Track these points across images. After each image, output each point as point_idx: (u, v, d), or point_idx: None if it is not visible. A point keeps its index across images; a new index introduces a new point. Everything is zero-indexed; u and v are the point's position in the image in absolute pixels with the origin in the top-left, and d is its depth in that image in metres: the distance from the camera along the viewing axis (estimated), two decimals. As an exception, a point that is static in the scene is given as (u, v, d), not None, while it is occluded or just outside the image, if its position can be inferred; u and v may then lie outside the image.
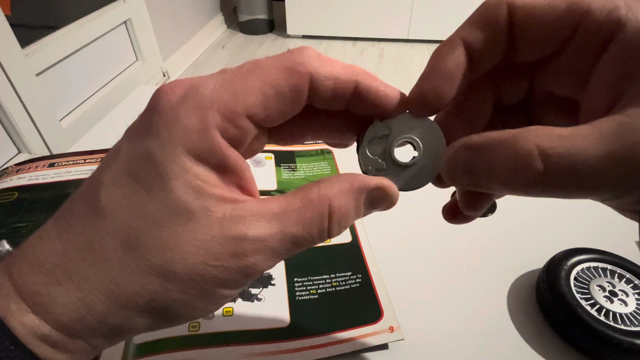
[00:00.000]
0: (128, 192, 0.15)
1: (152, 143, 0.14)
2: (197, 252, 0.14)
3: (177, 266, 0.14)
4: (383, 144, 0.18)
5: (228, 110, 0.15)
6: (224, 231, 0.15)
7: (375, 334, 0.30)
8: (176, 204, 0.14)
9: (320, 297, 0.33)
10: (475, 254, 0.37)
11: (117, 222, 0.14)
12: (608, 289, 0.31)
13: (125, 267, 0.14)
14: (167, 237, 0.14)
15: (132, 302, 0.15)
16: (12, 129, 1.33)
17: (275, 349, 0.29)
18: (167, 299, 0.15)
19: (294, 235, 0.15)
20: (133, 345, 0.29)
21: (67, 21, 1.57)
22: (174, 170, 0.14)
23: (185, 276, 0.15)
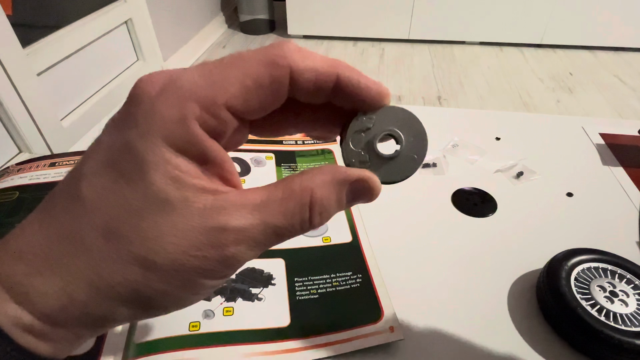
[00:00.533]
0: (108, 183, 0.15)
1: (132, 134, 0.14)
2: (178, 242, 0.14)
3: (158, 256, 0.14)
4: (366, 137, 0.18)
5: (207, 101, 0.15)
6: (204, 222, 0.15)
7: (376, 334, 0.30)
8: (156, 194, 0.14)
9: (320, 297, 0.33)
10: (476, 254, 0.37)
11: (98, 213, 0.15)
12: (608, 289, 0.31)
13: (106, 258, 0.14)
14: (147, 227, 0.14)
15: (114, 292, 0.15)
16: (13, 129, 1.33)
17: (275, 349, 0.29)
18: (148, 289, 0.15)
19: (275, 225, 0.15)
20: (134, 344, 0.29)
21: (68, 21, 1.57)
22: (154, 161, 0.14)
23: (166, 266, 0.15)
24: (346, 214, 0.40)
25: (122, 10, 1.83)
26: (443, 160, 0.48)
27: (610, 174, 0.47)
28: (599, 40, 2.51)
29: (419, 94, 2.12)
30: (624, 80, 2.24)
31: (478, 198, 0.43)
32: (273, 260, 0.35)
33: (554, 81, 2.25)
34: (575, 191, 0.44)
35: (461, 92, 2.15)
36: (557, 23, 2.48)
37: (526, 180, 0.46)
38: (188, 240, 0.15)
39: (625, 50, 2.55)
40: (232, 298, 0.32)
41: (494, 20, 2.52)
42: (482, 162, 0.48)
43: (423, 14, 2.55)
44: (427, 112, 0.58)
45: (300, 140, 0.51)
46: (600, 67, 2.38)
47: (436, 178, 0.46)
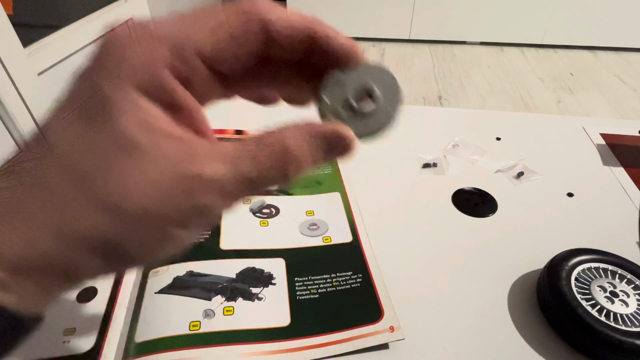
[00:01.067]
0: (78, 129, 0.14)
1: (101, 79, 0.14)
2: (147, 188, 0.14)
3: (127, 202, 0.14)
4: (341, 93, 0.18)
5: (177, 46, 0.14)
6: (176, 169, 0.14)
7: (376, 333, 0.30)
8: (126, 139, 0.14)
9: (320, 296, 0.33)
10: (476, 254, 0.37)
11: (67, 159, 0.14)
12: (609, 289, 0.31)
13: (74, 204, 0.14)
14: (117, 173, 0.14)
15: (81, 239, 0.14)
16: (14, 129, 1.33)
17: (275, 348, 0.29)
18: (117, 236, 0.14)
19: (248, 176, 0.15)
20: (134, 343, 0.29)
21: (69, 21, 1.57)
22: (123, 105, 0.14)
23: (135, 213, 0.14)
24: (347, 214, 0.40)
25: (122, 10, 1.83)
26: (444, 160, 0.48)
27: (610, 174, 0.47)
28: (599, 40, 2.51)
29: (420, 94, 2.12)
30: (625, 81, 2.24)
31: (478, 198, 0.43)
32: (273, 260, 0.35)
33: (554, 81, 2.24)
34: (576, 191, 0.44)
35: (462, 92, 2.15)
36: (558, 23, 2.48)
37: (527, 181, 0.46)
38: (158, 187, 0.14)
39: (626, 51, 2.55)
40: (233, 298, 0.32)
41: (494, 20, 2.52)
42: (482, 162, 0.48)
43: (424, 14, 2.55)
44: (428, 112, 0.58)
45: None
46: (601, 68, 2.38)
47: (437, 178, 0.46)
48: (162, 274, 0.33)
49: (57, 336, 0.29)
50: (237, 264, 0.35)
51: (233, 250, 0.36)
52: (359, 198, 0.42)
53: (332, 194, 0.43)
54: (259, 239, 0.37)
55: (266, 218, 0.39)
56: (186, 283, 0.32)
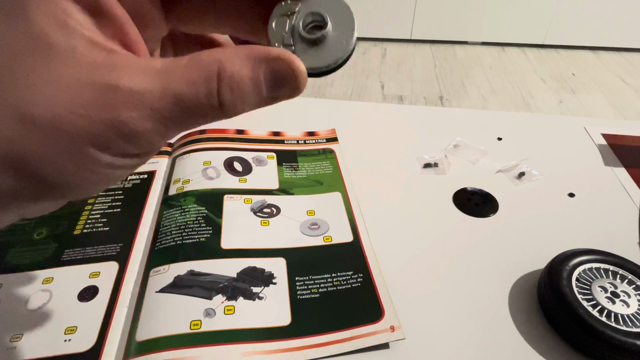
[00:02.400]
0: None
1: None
2: (59, 95, 0.12)
3: (36, 108, 0.12)
4: (291, 21, 0.17)
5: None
6: (92, 77, 0.13)
7: (376, 333, 0.30)
8: (38, 37, 0.12)
9: (321, 296, 0.33)
10: (477, 254, 0.37)
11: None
12: (610, 290, 0.31)
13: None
14: (26, 73, 0.12)
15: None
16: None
17: (276, 348, 0.29)
18: (27, 150, 0.12)
19: (177, 93, 0.13)
20: (135, 342, 0.29)
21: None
22: (41, 2, 0.12)
23: (45, 121, 0.12)
24: (347, 214, 0.40)
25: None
26: (444, 160, 0.48)
27: (612, 174, 0.47)
28: (601, 40, 2.51)
29: (421, 94, 2.12)
30: (627, 81, 2.23)
31: (479, 198, 0.43)
32: (274, 260, 0.35)
33: (556, 81, 2.24)
34: (577, 192, 0.44)
35: (463, 92, 2.15)
36: (560, 23, 2.48)
37: (528, 181, 0.46)
38: (71, 94, 0.12)
39: (628, 51, 2.54)
40: (233, 297, 0.32)
41: (496, 20, 2.51)
42: (483, 163, 0.48)
43: (425, 14, 2.55)
44: (429, 112, 0.58)
45: (302, 140, 0.51)
46: (603, 68, 2.38)
47: (437, 178, 0.46)
48: (163, 273, 0.33)
49: (57, 335, 0.29)
50: (238, 264, 0.35)
51: (234, 250, 0.36)
52: (359, 198, 0.42)
53: (333, 193, 0.43)
54: (260, 238, 0.37)
55: (267, 218, 0.39)
56: (187, 282, 0.32)
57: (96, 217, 0.39)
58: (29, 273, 0.34)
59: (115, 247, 0.36)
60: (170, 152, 0.48)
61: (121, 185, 0.43)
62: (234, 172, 0.44)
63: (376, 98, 2.07)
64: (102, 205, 0.40)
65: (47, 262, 0.34)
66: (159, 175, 0.45)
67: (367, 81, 2.24)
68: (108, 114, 0.13)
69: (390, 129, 0.54)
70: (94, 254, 0.35)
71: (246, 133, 0.51)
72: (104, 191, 0.42)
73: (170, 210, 0.39)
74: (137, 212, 0.40)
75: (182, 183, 0.42)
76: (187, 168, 0.44)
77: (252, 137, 0.50)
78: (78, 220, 0.39)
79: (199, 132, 0.49)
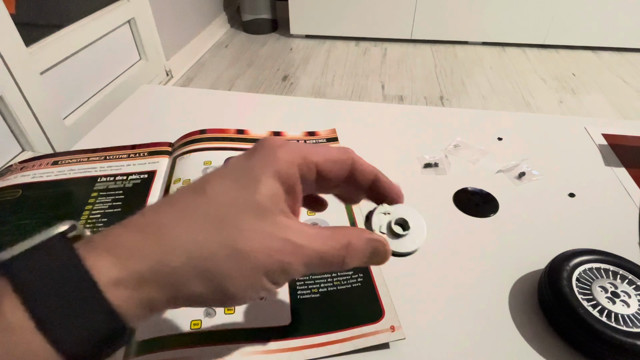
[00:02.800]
0: (227, 187, 0.20)
1: (255, 162, 0.21)
2: (258, 239, 0.19)
3: (244, 244, 0.19)
4: (386, 219, 0.26)
5: (306, 157, 0.22)
6: (278, 232, 0.20)
7: (377, 333, 0.30)
8: (259, 202, 0.20)
9: (321, 296, 0.33)
10: (477, 254, 0.37)
11: (213, 204, 0.20)
12: (610, 290, 0.31)
13: (207, 235, 0.19)
14: (245, 222, 0.20)
15: (200, 263, 0.19)
16: (17, 127, 1.34)
17: (276, 347, 0.29)
18: (225, 269, 0.19)
19: (322, 252, 0.21)
20: (135, 342, 0.29)
21: (71, 20, 1.58)
22: (264, 181, 0.21)
23: (243, 254, 0.19)
24: (348, 214, 0.40)
25: (125, 10, 1.83)
26: (445, 161, 0.48)
27: (612, 174, 0.47)
28: (602, 40, 2.51)
29: (421, 94, 2.12)
30: (627, 81, 2.23)
31: (480, 198, 0.43)
32: (274, 259, 0.35)
33: (556, 82, 2.24)
34: (578, 192, 0.44)
35: (463, 92, 2.15)
36: (560, 23, 2.48)
37: (528, 181, 0.46)
38: (265, 242, 0.20)
39: (628, 51, 2.54)
40: (234, 297, 0.32)
41: (496, 20, 2.51)
42: (484, 163, 0.48)
43: (425, 14, 2.55)
44: (429, 112, 0.58)
45: (303, 140, 0.51)
46: (603, 68, 2.38)
47: (438, 178, 0.46)
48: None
49: (58, 334, 0.29)
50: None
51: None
52: (360, 198, 0.42)
53: (333, 193, 0.43)
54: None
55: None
56: (187, 282, 0.32)
57: (97, 217, 0.39)
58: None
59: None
60: (171, 152, 0.48)
61: (122, 185, 0.43)
62: (235, 172, 0.44)
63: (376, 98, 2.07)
64: (103, 205, 0.41)
65: (47, 262, 0.34)
66: (159, 175, 0.45)
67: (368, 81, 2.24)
68: (280, 257, 0.20)
69: (391, 129, 0.54)
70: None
71: (246, 133, 0.51)
72: (105, 191, 0.42)
73: (170, 210, 0.39)
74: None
75: (182, 183, 0.42)
76: (187, 168, 0.44)
77: (253, 137, 0.50)
78: (79, 220, 0.39)
79: (199, 132, 0.49)
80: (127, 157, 0.47)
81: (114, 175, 0.45)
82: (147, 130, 0.54)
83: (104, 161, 0.47)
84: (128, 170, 0.45)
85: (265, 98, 0.62)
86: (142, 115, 0.57)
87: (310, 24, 2.68)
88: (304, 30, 2.73)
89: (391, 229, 0.26)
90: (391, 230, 0.26)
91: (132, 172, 0.45)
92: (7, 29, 1.26)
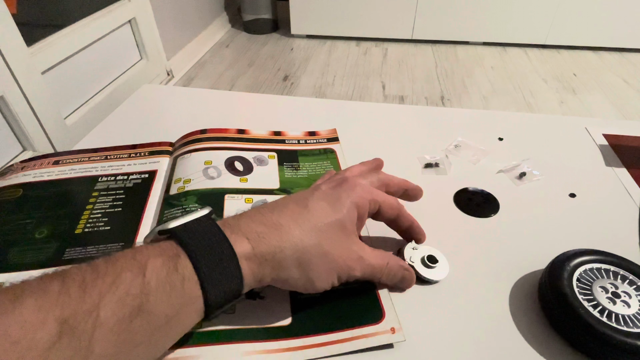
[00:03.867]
0: (323, 207, 0.29)
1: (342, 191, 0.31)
2: (340, 248, 0.29)
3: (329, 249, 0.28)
4: (415, 253, 0.35)
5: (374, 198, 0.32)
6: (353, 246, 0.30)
7: (377, 334, 0.30)
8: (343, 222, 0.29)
9: (322, 296, 0.33)
10: (478, 254, 0.37)
11: (314, 217, 0.29)
12: (611, 290, 0.31)
13: (308, 237, 0.28)
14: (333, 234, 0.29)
15: (301, 255, 0.27)
16: (18, 127, 1.34)
17: (276, 347, 0.29)
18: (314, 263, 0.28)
19: (372, 265, 0.30)
20: (136, 341, 0.29)
21: (73, 20, 1.58)
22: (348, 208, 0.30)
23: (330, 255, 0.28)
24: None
25: (125, 10, 1.83)
26: (445, 161, 0.48)
27: (613, 175, 0.47)
28: (603, 41, 2.50)
29: (422, 94, 2.12)
30: (628, 81, 2.23)
31: (480, 198, 0.43)
32: (275, 259, 0.35)
33: (557, 82, 2.24)
34: (578, 192, 0.44)
35: (464, 92, 2.15)
36: (561, 23, 2.48)
37: (529, 181, 0.45)
38: (345, 250, 0.29)
39: (629, 51, 2.54)
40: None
41: (497, 20, 2.51)
42: (484, 163, 0.48)
43: (426, 14, 2.55)
44: (430, 112, 0.58)
45: (303, 140, 0.51)
46: (604, 68, 2.37)
47: (438, 178, 0.46)
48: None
49: (59, 334, 0.29)
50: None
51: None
52: (360, 198, 0.42)
53: (334, 193, 0.43)
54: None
55: (268, 217, 0.39)
56: (188, 281, 0.32)
57: (97, 217, 0.39)
58: (30, 272, 0.34)
59: (116, 247, 0.36)
60: (172, 152, 0.48)
61: (122, 185, 0.43)
62: (235, 172, 0.44)
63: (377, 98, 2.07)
64: (103, 204, 0.41)
65: (48, 261, 0.34)
66: (160, 174, 0.45)
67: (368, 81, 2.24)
68: (350, 263, 0.29)
69: (391, 129, 0.54)
70: (95, 253, 0.35)
71: (247, 133, 0.51)
72: (105, 190, 0.42)
73: (171, 209, 0.39)
74: (138, 212, 0.40)
75: (183, 182, 0.42)
76: (188, 167, 0.44)
77: (253, 137, 0.50)
78: (79, 220, 0.39)
79: (200, 131, 0.49)
80: (127, 156, 0.47)
81: (114, 174, 0.45)
82: (147, 130, 0.54)
83: (105, 161, 0.47)
84: (129, 170, 0.45)
85: (266, 98, 0.62)
86: (143, 115, 0.57)
87: (311, 24, 2.68)
88: (304, 30, 2.73)
89: (425, 261, 0.34)
90: (424, 262, 0.34)
91: (133, 172, 0.45)
92: (8, 28, 1.26)
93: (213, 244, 0.25)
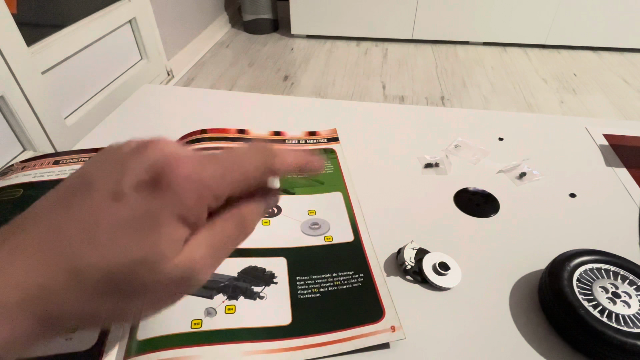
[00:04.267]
0: (127, 234, 0.19)
1: (156, 204, 0.19)
2: (167, 270, 0.19)
3: (154, 272, 0.19)
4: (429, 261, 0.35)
5: (217, 195, 0.21)
6: (184, 274, 0.20)
7: (377, 333, 0.30)
8: (160, 252, 0.19)
9: (322, 295, 0.33)
10: (478, 254, 0.37)
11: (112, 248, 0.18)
12: (611, 290, 0.31)
13: (85, 260, 0.18)
14: (145, 266, 0.19)
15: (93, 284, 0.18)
16: (18, 127, 1.34)
17: (277, 347, 0.29)
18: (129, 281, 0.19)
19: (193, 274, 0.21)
20: (136, 341, 0.29)
21: (73, 20, 1.58)
22: (166, 224, 0.19)
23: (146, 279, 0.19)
24: (348, 214, 0.40)
25: (126, 10, 1.83)
26: (446, 161, 0.48)
27: (613, 175, 0.47)
28: (603, 41, 2.50)
29: (422, 94, 2.12)
30: (629, 81, 2.23)
31: (481, 198, 0.43)
32: (275, 259, 0.35)
33: (557, 82, 2.24)
34: (578, 192, 0.44)
35: (464, 92, 2.15)
36: (562, 23, 2.48)
37: (529, 181, 0.45)
38: (168, 275, 0.19)
39: (629, 51, 2.54)
40: (234, 296, 0.32)
41: (497, 20, 2.51)
42: (484, 163, 0.48)
43: (427, 14, 2.55)
44: (430, 112, 0.58)
45: (303, 140, 0.51)
46: (604, 68, 2.37)
47: (439, 178, 0.46)
48: (164, 272, 0.33)
49: (59, 333, 0.29)
50: (239, 263, 0.35)
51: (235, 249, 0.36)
52: (360, 198, 0.42)
53: (334, 193, 0.43)
54: (261, 238, 0.37)
55: (268, 217, 0.39)
56: (188, 281, 0.32)
57: (97, 216, 0.39)
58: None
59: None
60: (172, 152, 0.48)
61: (122, 185, 0.43)
62: (235, 172, 0.44)
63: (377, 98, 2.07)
64: (104, 204, 0.41)
65: (48, 261, 0.34)
66: (160, 174, 0.45)
67: (369, 81, 2.24)
68: (188, 282, 0.21)
69: (392, 129, 0.54)
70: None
71: (247, 133, 0.51)
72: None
73: (171, 209, 0.39)
74: (138, 212, 0.40)
75: (183, 182, 0.42)
76: (188, 167, 0.44)
77: (253, 137, 0.50)
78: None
79: (200, 131, 0.49)
80: (128, 156, 0.47)
81: (114, 174, 0.45)
82: (148, 129, 0.54)
83: (105, 161, 0.47)
84: (129, 170, 0.45)
85: (266, 98, 0.62)
86: (143, 115, 0.57)
87: (311, 24, 2.68)
88: (305, 30, 2.73)
89: (436, 268, 0.33)
90: (436, 269, 0.33)
91: (133, 172, 0.45)
92: (8, 28, 1.26)
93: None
